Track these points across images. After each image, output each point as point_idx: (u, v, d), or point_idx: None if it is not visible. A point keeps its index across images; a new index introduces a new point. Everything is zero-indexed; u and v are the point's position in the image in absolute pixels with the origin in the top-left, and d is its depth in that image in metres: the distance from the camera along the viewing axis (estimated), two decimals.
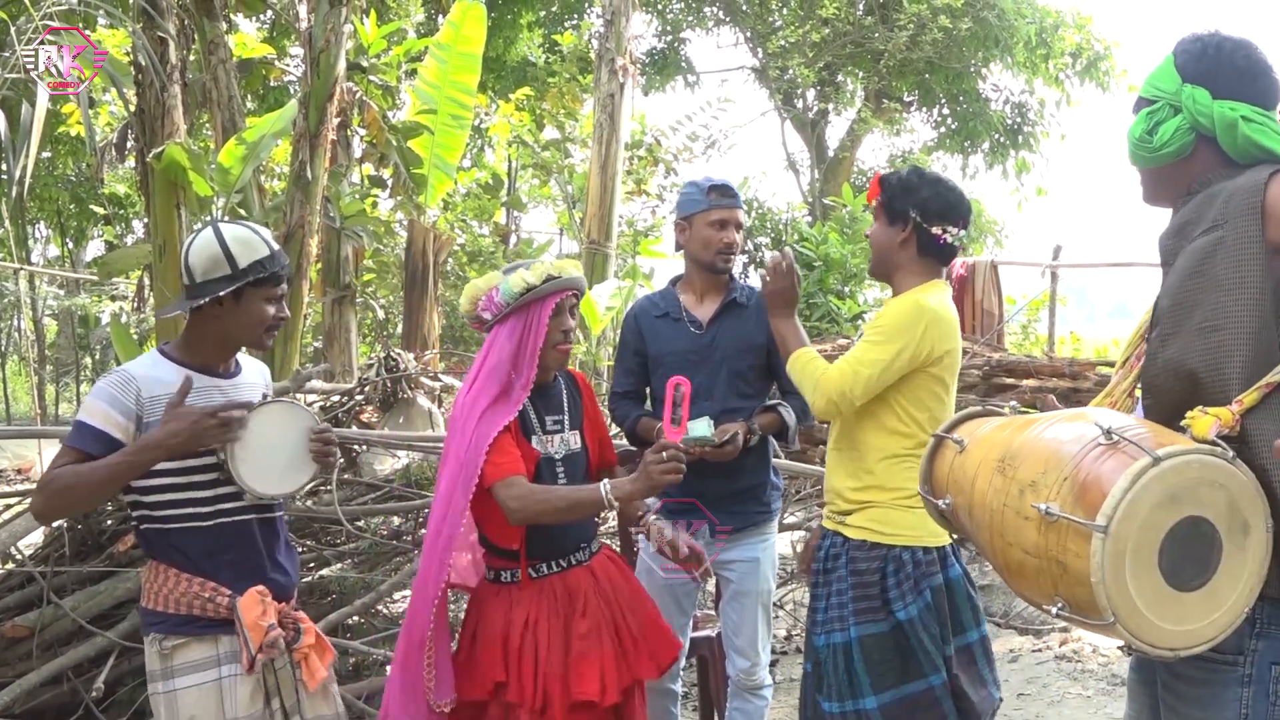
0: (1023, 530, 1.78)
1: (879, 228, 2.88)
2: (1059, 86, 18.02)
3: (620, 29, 10.41)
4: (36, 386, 15.02)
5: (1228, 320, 1.79)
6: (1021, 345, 13.13)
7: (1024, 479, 1.80)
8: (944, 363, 2.76)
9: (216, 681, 2.49)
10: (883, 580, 2.74)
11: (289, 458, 2.58)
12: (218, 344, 2.58)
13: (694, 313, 3.41)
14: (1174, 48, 1.99)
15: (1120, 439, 1.70)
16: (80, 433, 2.41)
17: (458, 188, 12.74)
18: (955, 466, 2.09)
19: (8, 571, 4.48)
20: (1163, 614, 1.69)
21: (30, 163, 5.10)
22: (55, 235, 20.81)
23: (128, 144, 8.92)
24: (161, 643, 2.50)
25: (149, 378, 2.47)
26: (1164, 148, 1.93)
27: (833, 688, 2.75)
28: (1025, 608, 5.56)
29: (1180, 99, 1.92)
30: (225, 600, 2.49)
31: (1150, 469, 1.64)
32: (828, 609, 2.81)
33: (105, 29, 9.84)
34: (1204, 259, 1.83)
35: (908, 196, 2.81)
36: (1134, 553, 1.66)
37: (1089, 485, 1.68)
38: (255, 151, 6.59)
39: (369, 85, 8.98)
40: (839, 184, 16.82)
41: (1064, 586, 1.72)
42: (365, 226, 8.81)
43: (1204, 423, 1.73)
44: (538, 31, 18.17)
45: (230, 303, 2.50)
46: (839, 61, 18.84)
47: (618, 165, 10.46)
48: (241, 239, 2.51)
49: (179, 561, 2.51)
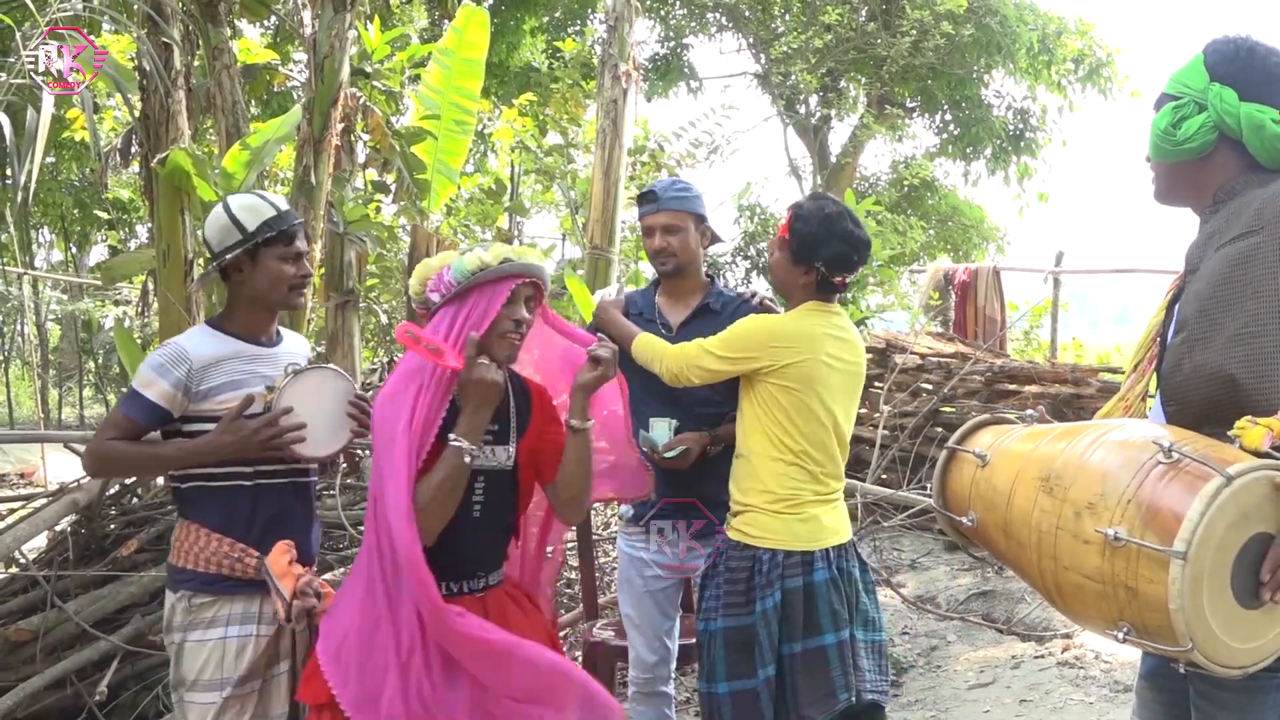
0: (1082, 554, 1.72)
1: (783, 262, 3.06)
2: (1061, 93, 18.02)
3: (623, 35, 10.41)
4: (40, 391, 15.02)
5: (1267, 327, 1.77)
6: (1024, 351, 13.12)
7: (1078, 500, 1.74)
8: (786, 374, 2.94)
9: (221, 641, 2.60)
10: (750, 579, 2.95)
11: (328, 422, 2.69)
12: (251, 309, 2.74)
13: (667, 315, 3.44)
14: (1205, 47, 2.00)
15: (1181, 456, 1.65)
16: (133, 401, 2.57)
17: (461, 193, 12.74)
18: (980, 481, 2.03)
19: (11, 575, 4.49)
20: (1233, 634, 1.65)
21: (35, 168, 5.10)
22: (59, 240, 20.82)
23: (132, 149, 8.94)
24: (191, 599, 2.62)
25: (200, 349, 2.63)
26: (1186, 143, 1.94)
27: (702, 670, 3.02)
28: (1027, 614, 5.56)
29: (1207, 97, 1.93)
30: (253, 561, 2.60)
31: (1224, 489, 1.59)
32: (707, 599, 3.03)
33: (110, 34, 9.87)
34: (1237, 265, 1.83)
35: (816, 250, 2.97)
36: (1210, 576, 1.61)
37: (1158, 508, 1.63)
38: (259, 157, 6.59)
39: (372, 91, 8.98)
40: (841, 190, 16.83)
41: (1132, 612, 1.67)
42: (369, 231, 8.80)
43: (1256, 434, 1.69)
44: (541, 37, 18.18)
45: (248, 265, 2.68)
46: (841, 67, 18.83)
47: (621, 171, 10.45)
48: (247, 205, 2.71)
49: (213, 521, 2.62)
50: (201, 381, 2.59)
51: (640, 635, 3.45)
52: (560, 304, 10.14)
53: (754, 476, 2.99)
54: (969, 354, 8.30)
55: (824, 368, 2.96)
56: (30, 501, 5.09)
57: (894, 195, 18.72)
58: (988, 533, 2.02)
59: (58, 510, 4.36)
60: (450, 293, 2.48)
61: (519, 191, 14.01)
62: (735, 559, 2.99)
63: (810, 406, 2.95)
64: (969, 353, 8.35)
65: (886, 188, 19.39)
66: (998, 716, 4.46)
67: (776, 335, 2.97)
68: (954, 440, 2.18)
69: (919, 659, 5.34)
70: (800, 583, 2.91)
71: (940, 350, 8.50)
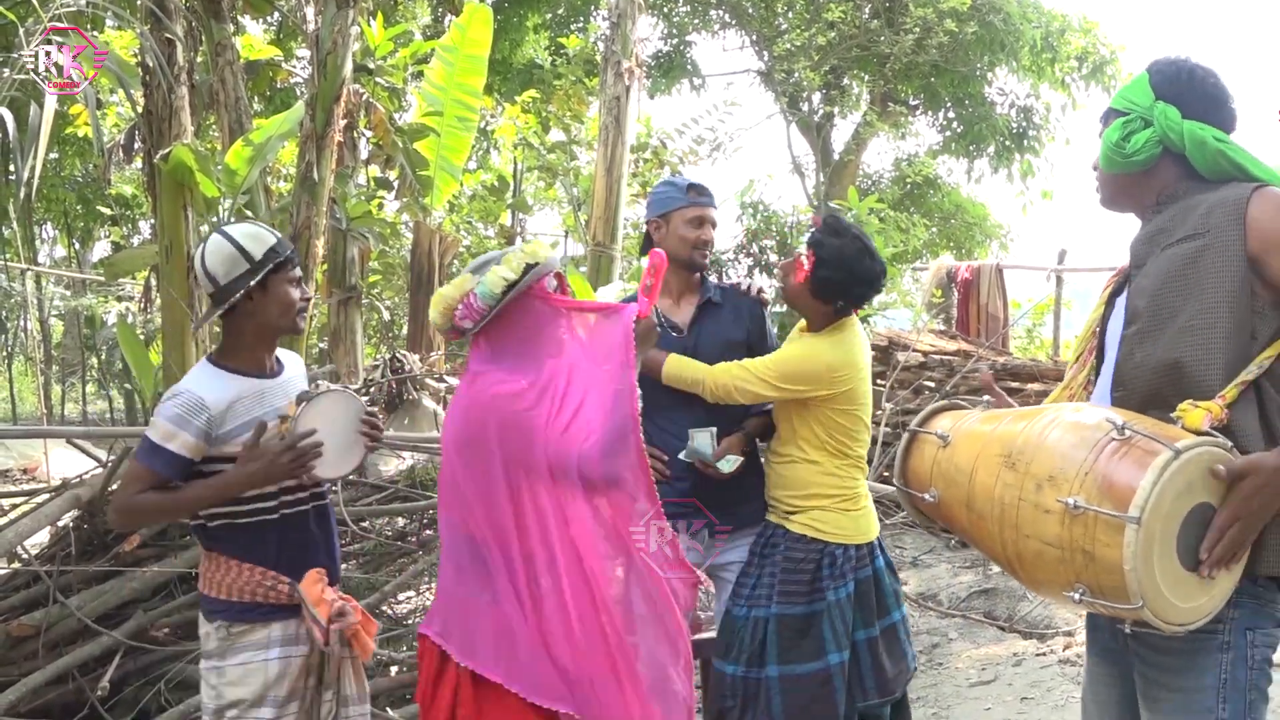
0: (1043, 522, 1.87)
1: (804, 294, 3.18)
2: (1065, 90, 17.99)
3: (626, 32, 10.42)
4: (42, 387, 15.04)
5: (1211, 321, 1.95)
6: (1026, 349, 13.11)
7: (1039, 473, 1.89)
8: (842, 399, 3.16)
9: (264, 663, 2.62)
10: (816, 571, 3.11)
11: (342, 442, 2.72)
12: (256, 339, 2.73)
13: (672, 317, 3.42)
14: (1149, 67, 2.17)
15: (1133, 434, 1.82)
16: (154, 454, 2.56)
17: (463, 190, 12.75)
18: (942, 460, 2.18)
19: (13, 571, 4.49)
20: (1178, 594, 1.81)
21: (39, 163, 5.11)
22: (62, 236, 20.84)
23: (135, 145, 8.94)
24: (229, 629, 2.64)
25: (215, 394, 2.61)
26: (1134, 155, 2.11)
27: (741, 654, 3.14)
28: (1030, 611, 5.56)
29: (1153, 114, 2.11)
30: (285, 588, 2.64)
31: (1173, 461, 1.76)
32: (756, 586, 3.18)
33: (113, 30, 9.88)
34: (1188, 264, 2.00)
35: (839, 293, 3.14)
36: (1159, 540, 1.78)
37: (1113, 479, 1.80)
38: (262, 153, 6.60)
39: (375, 87, 8.99)
40: (844, 187, 16.81)
41: (1088, 575, 1.82)
42: (371, 228, 8.83)
43: (1197, 415, 1.88)
44: (544, 34, 18.18)
45: (259, 294, 2.66)
46: (844, 65, 18.82)
47: (623, 168, 10.46)
48: (249, 234, 2.69)
49: (240, 553, 2.65)
50: (221, 425, 2.59)
51: None
52: None
53: (814, 479, 3.18)
54: (971, 352, 8.30)
55: (863, 381, 3.22)
56: (33, 497, 5.10)
57: (897, 193, 18.71)
58: (949, 508, 2.17)
59: (60, 506, 4.37)
60: (485, 316, 2.53)
61: (521, 188, 14.02)
62: (799, 551, 3.15)
63: (861, 417, 3.22)
64: (971, 350, 8.35)
65: (889, 185, 19.38)
66: (999, 714, 4.46)
67: (834, 366, 3.14)
68: (915, 423, 2.35)
69: (921, 656, 5.34)
70: (870, 571, 3.17)
71: (942, 348, 8.50)
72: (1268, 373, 1.95)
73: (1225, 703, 1.97)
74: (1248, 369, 1.93)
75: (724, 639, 3.23)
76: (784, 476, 3.24)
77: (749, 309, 3.50)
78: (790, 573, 3.13)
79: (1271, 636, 2.02)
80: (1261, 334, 1.95)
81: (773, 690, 3.09)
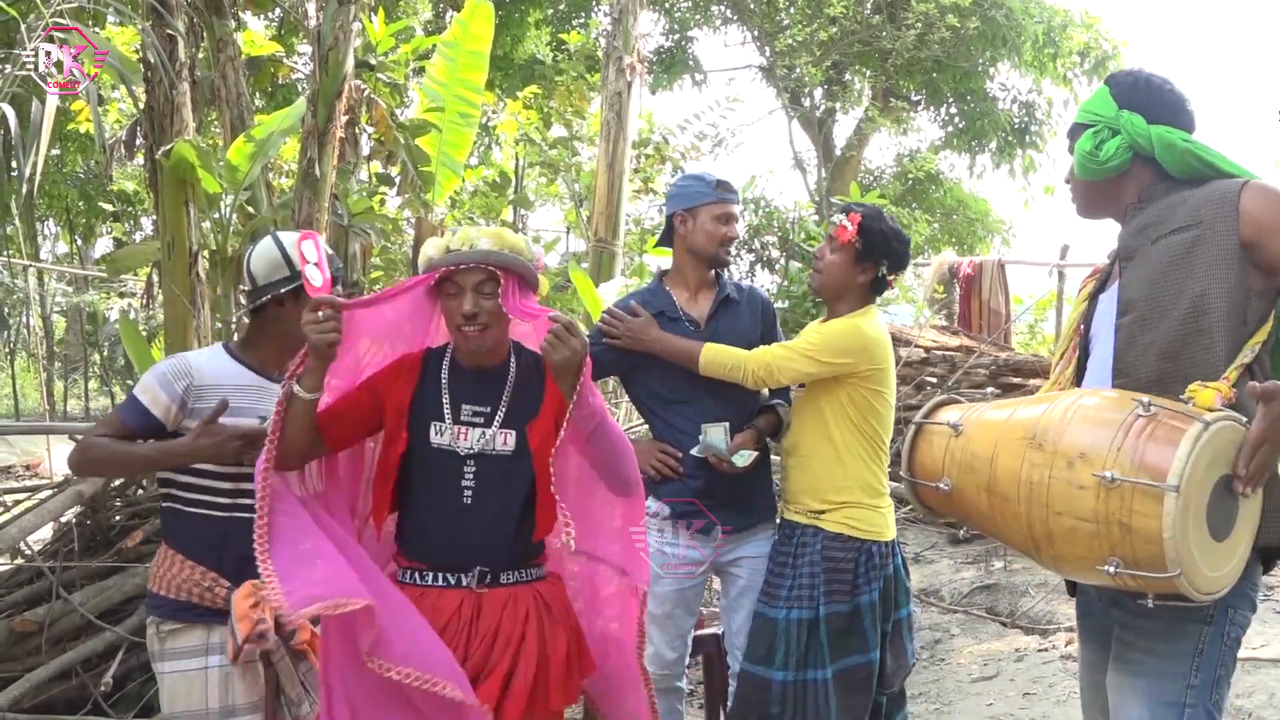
0: (1076, 498, 1.92)
1: (843, 262, 3.24)
2: (1067, 86, 17.97)
3: (628, 27, 10.40)
4: (45, 383, 15.07)
5: (1209, 307, 2.05)
6: (1028, 345, 13.09)
7: (1069, 451, 1.94)
8: (877, 378, 3.20)
9: (203, 670, 2.58)
10: (855, 569, 3.15)
11: None
12: (277, 345, 2.72)
13: (690, 311, 3.42)
14: (1107, 80, 2.34)
15: (1159, 410, 1.90)
16: (128, 405, 2.60)
17: (465, 185, 12.73)
18: (956, 449, 2.22)
19: (17, 567, 4.50)
20: (1208, 562, 1.88)
21: (40, 160, 5.10)
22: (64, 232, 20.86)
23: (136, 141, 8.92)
24: (159, 626, 2.63)
25: (205, 368, 2.64)
26: (1108, 162, 2.25)
27: (790, 658, 3.12)
28: (1031, 607, 5.56)
29: (1119, 123, 2.25)
30: (223, 592, 2.59)
31: (1204, 432, 1.83)
32: (793, 589, 3.17)
33: (115, 26, 9.86)
34: (1182, 254, 2.11)
35: (885, 248, 3.23)
36: (1193, 510, 1.84)
37: (1146, 451, 1.86)
38: (264, 149, 6.59)
39: (377, 83, 8.98)
40: (846, 183, 16.80)
41: (1124, 547, 1.87)
42: (373, 224, 8.80)
43: (1208, 395, 1.95)
44: (545, 30, 18.17)
45: (290, 303, 2.67)
46: (846, 60, 18.79)
47: (625, 164, 10.45)
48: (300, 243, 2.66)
49: (187, 547, 2.63)
50: (199, 399, 2.59)
51: (663, 633, 3.39)
52: (565, 297, 10.15)
53: (846, 473, 3.21)
54: (973, 347, 8.30)
55: (892, 367, 3.30)
56: (36, 493, 5.11)
57: (899, 188, 18.70)
58: (965, 495, 2.21)
59: (63, 502, 4.37)
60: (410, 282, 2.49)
61: (523, 184, 14.00)
62: (838, 550, 3.18)
63: (889, 402, 3.27)
64: (973, 346, 8.35)
65: (891, 181, 19.37)
66: (1001, 709, 4.46)
67: (876, 341, 3.21)
68: (921, 415, 2.39)
69: (922, 652, 5.35)
70: (892, 568, 3.24)
71: (945, 343, 8.50)
72: (1257, 356, 2.07)
73: (1198, 671, 2.06)
74: (1243, 352, 2.04)
75: (763, 644, 3.18)
76: (811, 475, 3.25)
77: (762, 307, 3.53)
78: (833, 572, 3.15)
79: (1244, 618, 2.12)
80: (1251, 319, 2.07)
81: (829, 691, 3.10)
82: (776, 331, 3.53)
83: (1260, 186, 2.10)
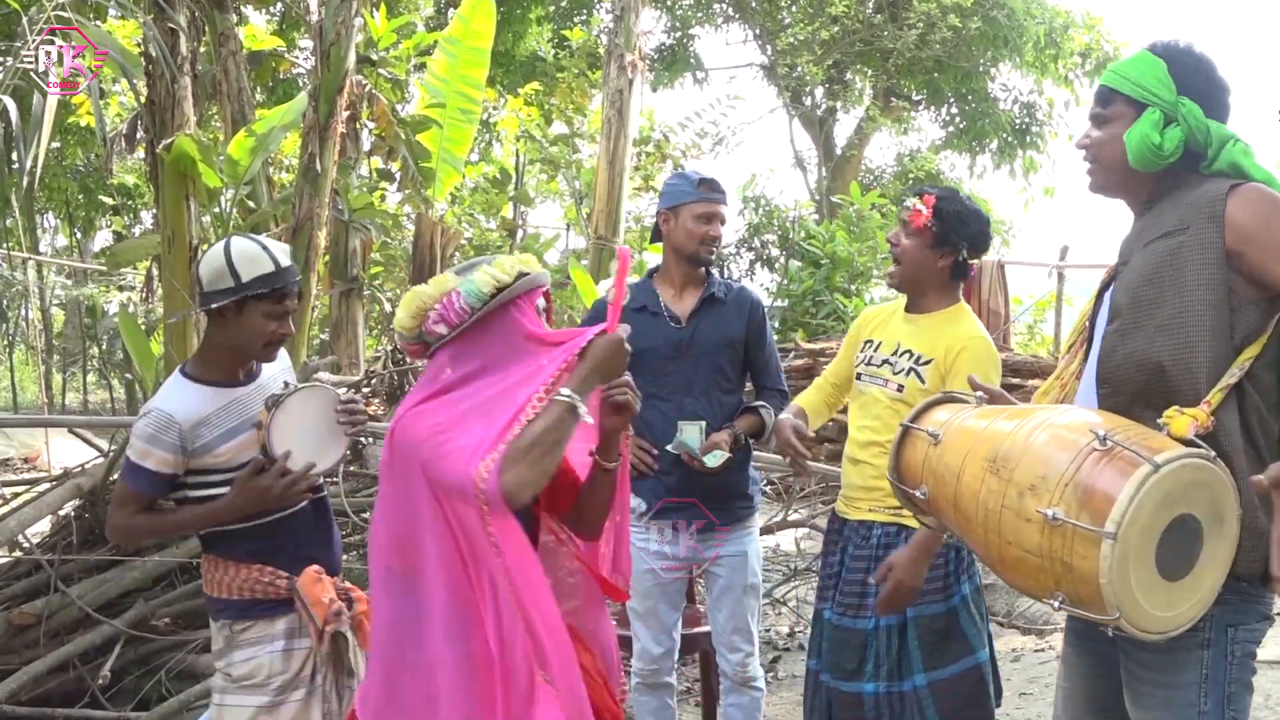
0: (1024, 531, 1.86)
1: (919, 248, 3.01)
2: (1068, 87, 17.98)
3: (629, 25, 10.41)
4: (43, 376, 15.04)
5: (1191, 318, 1.96)
6: (1027, 345, 13.11)
7: (1021, 482, 1.88)
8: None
9: (271, 654, 2.66)
10: (946, 566, 2.95)
11: (322, 434, 2.71)
12: (227, 355, 2.70)
13: (673, 308, 3.43)
14: (1162, 54, 2.08)
15: (1115, 444, 1.81)
16: (136, 474, 2.59)
17: (465, 182, 12.74)
18: (931, 458, 2.17)
19: (15, 559, 4.50)
20: (1155, 603, 1.81)
21: (41, 153, 5.11)
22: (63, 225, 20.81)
23: (137, 135, 8.94)
24: (232, 626, 2.68)
25: (181, 408, 2.61)
26: (1171, 156, 2.04)
27: (880, 668, 2.92)
28: (1028, 607, 5.57)
29: (1179, 111, 2.03)
30: (284, 583, 2.66)
31: (1152, 475, 1.75)
32: (876, 593, 2.90)
33: (116, 20, 9.86)
34: (1165, 261, 2.00)
35: (962, 230, 2.98)
36: (1136, 553, 1.77)
37: (1092, 491, 1.79)
38: (264, 143, 6.60)
39: (378, 78, 8.99)
40: (846, 182, 16.81)
41: (1067, 584, 1.82)
42: (373, 219, 8.83)
43: (1182, 423, 1.87)
44: (547, 26, 18.16)
45: (233, 314, 2.61)
46: (848, 59, 18.80)
47: (625, 161, 10.46)
48: (247, 254, 2.61)
49: (241, 554, 2.67)
50: (195, 440, 2.60)
51: (647, 628, 3.44)
52: (564, 294, 10.15)
53: None
54: None
55: None
56: (34, 486, 5.11)
57: (899, 188, 18.70)
58: (939, 505, 2.17)
59: (61, 495, 4.38)
60: (464, 322, 2.12)
61: (523, 181, 14.00)
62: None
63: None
64: None
65: (891, 180, 19.37)
66: (997, 709, 4.46)
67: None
68: (908, 419, 2.29)
69: None
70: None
71: None
72: (1248, 373, 1.95)
73: (1207, 697, 1.99)
74: (1230, 372, 1.94)
75: (851, 658, 2.98)
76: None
77: (750, 308, 3.51)
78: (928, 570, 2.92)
79: (1255, 631, 2.04)
80: (1239, 331, 1.96)
81: (924, 701, 2.91)
82: (766, 332, 3.52)
83: (1248, 191, 1.98)
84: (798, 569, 6.39)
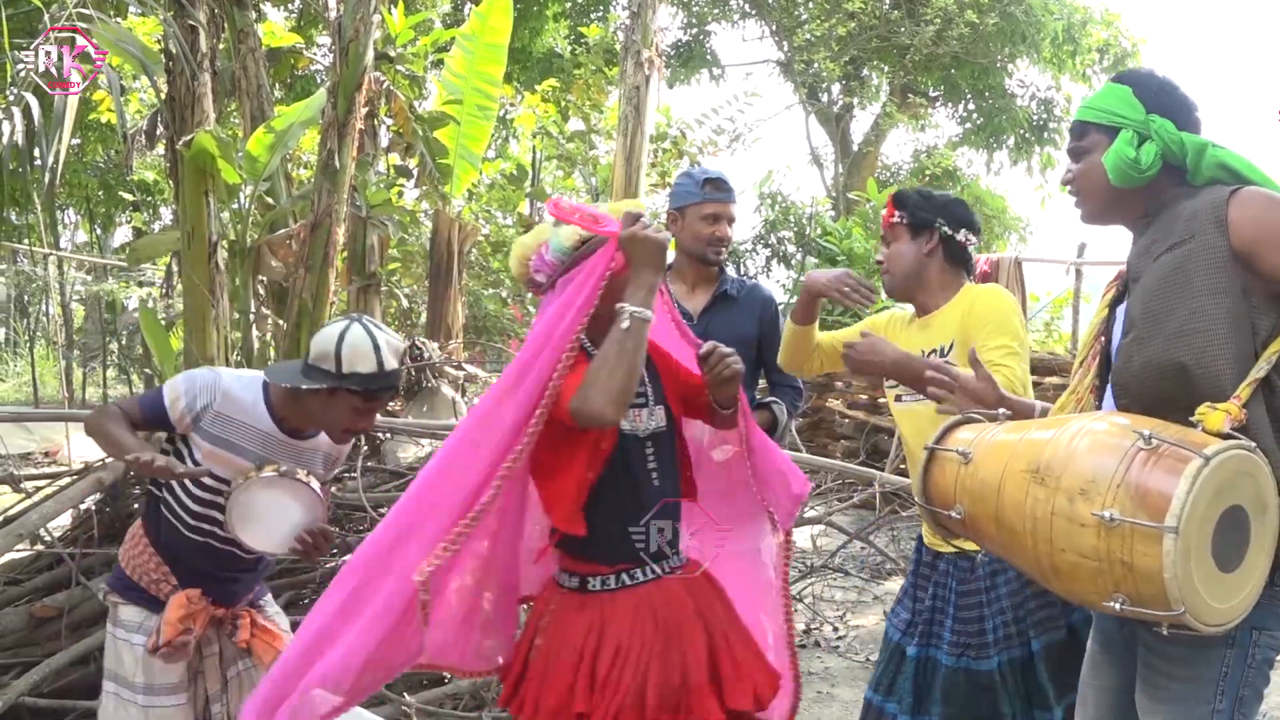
0: (1078, 535, 1.87)
1: (901, 245, 2.97)
2: (1086, 83, 17.88)
3: (646, 21, 10.41)
4: (64, 371, 15.16)
5: (1207, 321, 1.98)
6: (1044, 343, 13.06)
7: (1071, 487, 1.89)
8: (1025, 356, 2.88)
9: (131, 646, 2.71)
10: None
11: (278, 530, 2.66)
12: (305, 418, 2.72)
13: (685, 304, 3.43)
14: (1125, 80, 2.20)
15: (1160, 442, 1.84)
16: (151, 396, 2.68)
17: (482, 178, 12.78)
18: (965, 477, 2.16)
19: (37, 553, 4.54)
20: (1214, 595, 1.84)
21: (62, 150, 5.15)
22: (84, 221, 20.97)
23: (157, 131, 8.99)
24: (107, 595, 2.80)
25: (236, 399, 2.66)
26: (1148, 170, 2.12)
27: (1014, 702, 2.76)
28: None
29: (1150, 128, 2.13)
30: (168, 588, 2.72)
31: (1204, 468, 1.78)
32: (998, 628, 2.78)
33: (136, 17, 9.92)
34: (1176, 269, 2.04)
35: (930, 207, 2.94)
36: (1195, 546, 1.80)
37: (1146, 489, 1.81)
38: (283, 140, 6.63)
39: (396, 75, 9.01)
40: (863, 178, 16.78)
41: (1128, 584, 1.84)
42: (391, 216, 8.85)
43: (1217, 418, 1.90)
44: (564, 23, 18.19)
45: (325, 395, 2.62)
46: (864, 56, 18.76)
47: (642, 158, 10.47)
48: (357, 348, 2.58)
49: (154, 538, 2.75)
50: (210, 421, 2.63)
51: None
52: None
53: None
54: None
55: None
56: (55, 480, 5.15)
57: (916, 184, 18.66)
58: (977, 523, 2.15)
59: (82, 489, 4.40)
60: (555, 273, 2.28)
61: (540, 178, 14.02)
62: None
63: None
64: None
65: (908, 177, 19.34)
66: None
67: (1015, 308, 2.94)
68: (932, 440, 2.28)
69: None
70: None
71: None
72: (1276, 366, 1.98)
73: (1223, 696, 2.02)
74: (1257, 366, 1.97)
75: (983, 704, 2.79)
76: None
77: (763, 307, 3.51)
78: (1039, 596, 2.77)
79: (1274, 638, 2.05)
80: (1262, 329, 1.99)
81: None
82: (778, 330, 3.51)
83: (1247, 194, 2.02)
84: (814, 566, 6.40)
